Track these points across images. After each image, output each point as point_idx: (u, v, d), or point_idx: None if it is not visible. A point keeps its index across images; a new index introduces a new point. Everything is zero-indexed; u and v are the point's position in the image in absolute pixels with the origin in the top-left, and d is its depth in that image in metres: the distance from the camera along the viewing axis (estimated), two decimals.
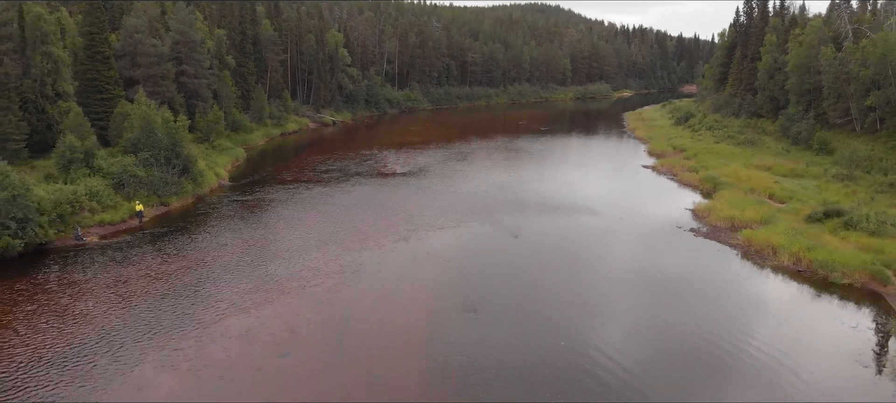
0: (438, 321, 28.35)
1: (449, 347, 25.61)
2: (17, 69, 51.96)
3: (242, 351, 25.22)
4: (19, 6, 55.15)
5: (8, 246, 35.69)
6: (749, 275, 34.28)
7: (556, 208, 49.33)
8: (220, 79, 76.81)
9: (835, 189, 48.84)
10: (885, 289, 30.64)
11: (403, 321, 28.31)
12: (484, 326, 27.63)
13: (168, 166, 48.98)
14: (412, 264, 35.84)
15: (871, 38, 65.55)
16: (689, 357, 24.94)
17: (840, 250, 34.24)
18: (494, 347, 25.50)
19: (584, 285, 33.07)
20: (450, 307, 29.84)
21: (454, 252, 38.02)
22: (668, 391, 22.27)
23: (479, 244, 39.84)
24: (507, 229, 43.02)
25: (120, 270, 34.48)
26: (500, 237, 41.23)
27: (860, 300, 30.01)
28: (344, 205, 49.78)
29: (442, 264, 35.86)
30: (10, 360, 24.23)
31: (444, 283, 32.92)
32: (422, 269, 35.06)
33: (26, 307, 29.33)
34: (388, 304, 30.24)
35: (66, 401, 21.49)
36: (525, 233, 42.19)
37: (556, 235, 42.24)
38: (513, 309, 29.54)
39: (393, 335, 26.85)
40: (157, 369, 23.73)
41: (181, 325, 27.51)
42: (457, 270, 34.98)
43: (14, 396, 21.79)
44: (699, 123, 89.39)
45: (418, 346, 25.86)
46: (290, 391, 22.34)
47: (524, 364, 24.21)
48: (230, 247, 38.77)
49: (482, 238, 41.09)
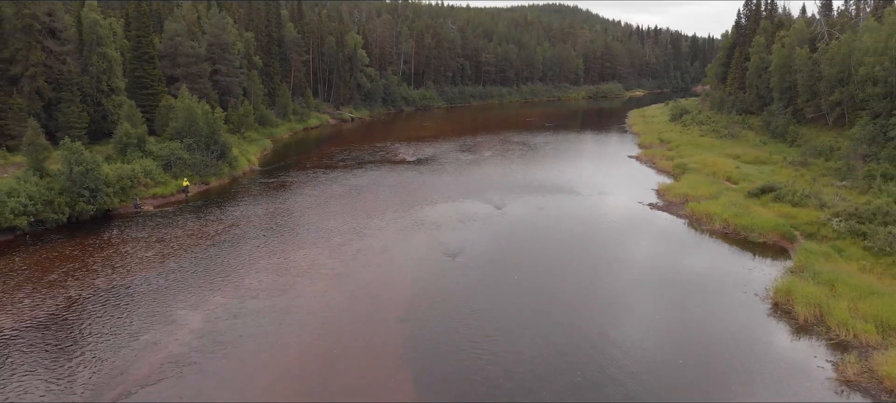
0: (425, 263, 36.32)
1: (430, 275, 33.57)
2: (77, 68, 61.10)
3: (271, 280, 33.42)
4: (78, 13, 64.34)
5: (82, 210, 44.45)
6: (686, 235, 41.77)
7: (541, 188, 57.02)
8: (249, 77, 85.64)
9: (786, 173, 55.86)
10: (791, 245, 37.92)
11: (398, 262, 36.35)
12: (461, 266, 35.52)
13: (208, 151, 57.65)
14: (411, 227, 43.84)
15: (839, 40, 72.23)
16: (630, 276, 32.59)
17: (763, 216, 41.57)
18: (469, 280, 33.39)
19: (550, 239, 40.80)
20: (435, 255, 37.78)
21: (445, 219, 45.91)
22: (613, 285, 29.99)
23: (466, 214, 47.63)
24: (494, 203, 50.84)
25: (171, 230, 42.98)
26: (486, 210, 49.05)
27: (766, 253, 37.39)
28: (356, 186, 57.99)
29: (433, 228, 43.80)
30: (93, 288, 32.64)
31: (432, 241, 40.84)
32: (416, 232, 43.04)
33: (99, 255, 37.86)
34: (387, 252, 38.26)
35: (135, 311, 29.82)
36: (509, 206, 49.97)
37: (535, 207, 49.95)
38: (485, 257, 37.35)
39: (387, 269, 34.89)
40: (207, 292, 31.99)
41: (223, 266, 35.81)
42: (445, 233, 42.86)
43: (104, 308, 30.17)
44: (691, 120, 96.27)
45: (408, 272, 33.88)
46: (308, 301, 30.45)
47: (488, 285, 32.10)
48: (260, 215, 47.13)
49: (470, 209, 48.91)
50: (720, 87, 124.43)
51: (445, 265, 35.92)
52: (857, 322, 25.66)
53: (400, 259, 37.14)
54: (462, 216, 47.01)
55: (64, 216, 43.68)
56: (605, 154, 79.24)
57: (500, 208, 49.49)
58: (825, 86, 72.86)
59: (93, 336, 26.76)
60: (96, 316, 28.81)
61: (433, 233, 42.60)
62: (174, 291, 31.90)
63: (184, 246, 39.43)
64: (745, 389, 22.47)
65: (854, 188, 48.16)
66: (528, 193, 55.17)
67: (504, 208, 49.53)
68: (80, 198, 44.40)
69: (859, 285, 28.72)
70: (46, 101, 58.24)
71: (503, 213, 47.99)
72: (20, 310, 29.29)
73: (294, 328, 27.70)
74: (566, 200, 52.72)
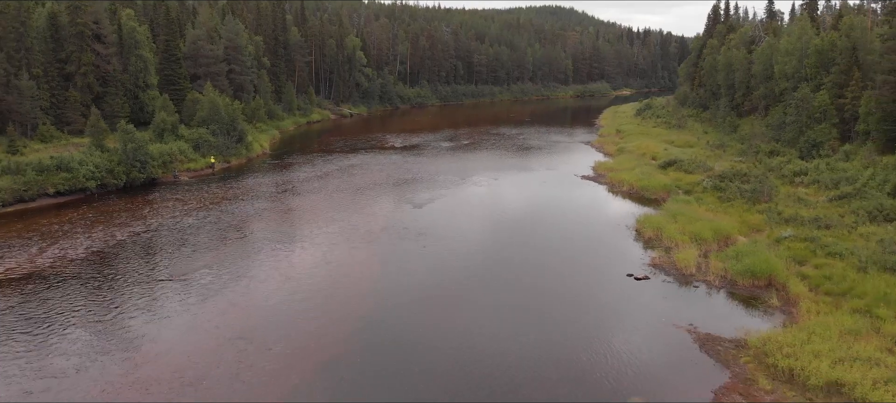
0: (394, 211, 49.71)
1: (394, 223, 46.95)
2: (119, 67, 74.67)
3: (276, 224, 46.80)
4: (118, 20, 77.89)
5: (135, 178, 57.95)
6: (600, 195, 55.05)
7: (501, 166, 70.32)
8: (258, 76, 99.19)
9: (704, 154, 69.00)
10: (668, 196, 51.10)
11: (371, 209, 49.75)
12: (424, 212, 48.84)
13: (228, 136, 71.15)
14: (388, 187, 57.22)
15: (766, 42, 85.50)
16: (551, 216, 45.87)
17: (659, 180, 54.87)
18: (425, 224, 46.74)
19: (494, 195, 54.06)
20: (402, 206, 51.13)
21: (416, 184, 59.22)
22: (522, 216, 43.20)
23: (434, 181, 60.86)
24: (459, 174, 64.16)
25: (202, 194, 56.42)
26: (452, 178, 62.30)
27: (650, 203, 50.62)
28: (349, 165, 71.36)
29: (400, 190, 57.13)
30: (147, 226, 46.10)
31: (401, 196, 54.14)
32: (386, 192, 56.43)
33: (150, 207, 51.38)
34: (360, 203, 51.61)
35: (178, 239, 43.23)
36: (471, 177, 63.26)
37: (491, 178, 63.21)
38: (442, 205, 50.64)
39: (365, 213, 48.32)
40: (231, 229, 45.39)
41: (240, 215, 49.25)
42: (408, 193, 56.14)
43: (157, 238, 43.58)
44: (651, 114, 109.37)
45: (382, 221, 47.29)
46: (306, 231, 43.81)
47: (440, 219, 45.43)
48: (271, 185, 60.58)
49: (438, 178, 62.16)
50: (689, 85, 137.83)
51: (410, 210, 49.30)
52: (677, 236, 38.84)
53: (372, 207, 50.54)
54: (430, 182, 60.32)
55: (121, 182, 57.22)
56: (566, 142, 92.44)
57: (463, 179, 62.86)
58: (755, 82, 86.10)
59: (150, 251, 40.20)
60: (151, 242, 42.27)
61: (398, 194, 55.99)
62: (203, 230, 45.31)
63: (210, 203, 52.84)
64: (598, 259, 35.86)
65: (746, 162, 61.36)
66: (488, 169, 68.47)
67: (466, 178, 62.88)
68: (133, 168, 57.92)
69: (692, 216, 41.96)
70: (95, 94, 71.78)
71: (464, 181, 61.35)
72: (100, 238, 42.76)
73: (294, 248, 41.10)
74: (519, 174, 66.06)
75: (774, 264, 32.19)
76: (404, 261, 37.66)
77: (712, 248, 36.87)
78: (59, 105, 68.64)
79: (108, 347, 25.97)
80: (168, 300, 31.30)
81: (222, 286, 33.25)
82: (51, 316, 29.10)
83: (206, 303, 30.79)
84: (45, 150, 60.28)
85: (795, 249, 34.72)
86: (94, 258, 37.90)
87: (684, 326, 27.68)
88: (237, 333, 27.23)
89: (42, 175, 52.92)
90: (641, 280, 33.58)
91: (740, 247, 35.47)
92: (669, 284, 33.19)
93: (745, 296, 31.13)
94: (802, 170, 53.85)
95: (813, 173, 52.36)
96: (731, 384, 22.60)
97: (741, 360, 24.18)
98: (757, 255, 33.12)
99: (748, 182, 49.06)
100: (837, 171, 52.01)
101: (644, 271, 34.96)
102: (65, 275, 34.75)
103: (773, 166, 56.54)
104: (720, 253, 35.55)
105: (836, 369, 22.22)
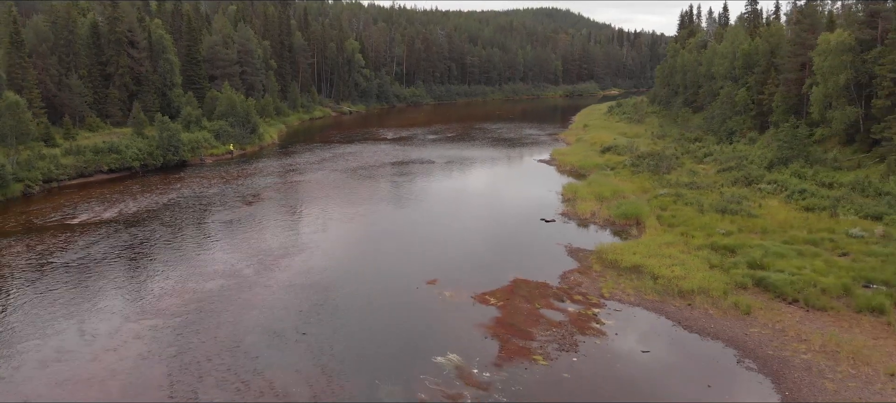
0: (374, 177, 63.59)
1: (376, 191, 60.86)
2: (150, 69, 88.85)
3: (282, 192, 60.78)
4: (148, 28, 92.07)
5: (169, 160, 72.02)
6: (547, 172, 68.82)
7: (473, 152, 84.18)
8: (267, 77, 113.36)
9: (645, 142, 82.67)
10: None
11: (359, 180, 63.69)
12: (403, 179, 62.73)
13: (244, 128, 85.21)
14: (375, 166, 71.19)
15: (710, 47, 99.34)
16: (502, 185, 59.64)
17: (595, 161, 68.66)
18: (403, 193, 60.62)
19: (458, 174, 67.84)
20: (382, 175, 65.05)
21: (398, 161, 73.08)
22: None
23: (414, 160, 74.66)
24: (436, 157, 78.03)
25: (224, 172, 70.43)
26: (429, 156, 76.13)
27: (581, 177, 64.29)
28: (345, 152, 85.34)
29: (385, 165, 71.03)
30: (182, 194, 60.16)
31: (382, 176, 68.03)
32: (373, 170, 70.38)
33: (182, 182, 65.43)
34: (350, 171, 65.51)
35: (204, 202, 57.26)
36: (446, 160, 77.11)
37: (462, 159, 77.00)
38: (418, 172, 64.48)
39: (365, 177, 62.27)
40: (248, 196, 59.41)
41: (255, 186, 63.27)
42: (391, 171, 69.97)
43: (190, 203, 57.61)
44: (620, 111, 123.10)
45: (366, 189, 61.21)
46: (307, 197, 57.72)
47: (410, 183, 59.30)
48: (278, 165, 74.60)
49: (417, 159, 75.98)
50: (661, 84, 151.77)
51: (392, 182, 63.30)
52: (586, 195, 52.60)
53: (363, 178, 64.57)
54: (412, 164, 74.27)
55: (159, 162, 71.28)
56: (539, 135, 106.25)
57: (439, 161, 76.83)
58: (702, 81, 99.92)
59: (184, 212, 54.24)
60: (184, 204, 56.33)
61: (384, 169, 69.95)
62: (227, 196, 59.32)
63: (231, 179, 66.85)
64: (527, 211, 49.71)
65: (671, 146, 75.09)
66: (463, 153, 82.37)
67: (442, 161, 76.86)
68: (168, 152, 71.98)
69: (603, 183, 55.77)
70: (130, 92, 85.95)
71: (440, 163, 75.32)
72: (140, 205, 56.82)
73: (296, 207, 55.07)
74: (488, 158, 79.99)
75: (642, 209, 46.05)
76: (379, 213, 51.69)
77: (608, 202, 50.68)
78: (101, 101, 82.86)
79: (185, 259, 39.98)
80: (214, 236, 45.36)
81: (244, 226, 47.25)
82: (125, 246, 43.16)
83: (235, 234, 44.79)
84: (93, 137, 74.34)
85: (663, 201, 48.52)
86: (146, 214, 51.96)
87: (564, 244, 41.50)
88: (254, 252, 41.16)
89: (98, 156, 67.10)
90: (549, 222, 47.40)
91: (625, 201, 49.33)
92: (568, 224, 47.04)
93: (616, 229, 44.98)
94: (710, 152, 67.65)
95: (716, 154, 66.14)
96: (576, 268, 36.48)
97: (589, 259, 38.02)
98: (632, 204, 47.04)
99: (655, 160, 62.91)
100: (738, 152, 65.80)
101: (554, 217, 48.78)
102: (132, 222, 48.84)
103: (690, 150, 70.34)
104: (610, 205, 49.39)
105: (639, 259, 36.06)
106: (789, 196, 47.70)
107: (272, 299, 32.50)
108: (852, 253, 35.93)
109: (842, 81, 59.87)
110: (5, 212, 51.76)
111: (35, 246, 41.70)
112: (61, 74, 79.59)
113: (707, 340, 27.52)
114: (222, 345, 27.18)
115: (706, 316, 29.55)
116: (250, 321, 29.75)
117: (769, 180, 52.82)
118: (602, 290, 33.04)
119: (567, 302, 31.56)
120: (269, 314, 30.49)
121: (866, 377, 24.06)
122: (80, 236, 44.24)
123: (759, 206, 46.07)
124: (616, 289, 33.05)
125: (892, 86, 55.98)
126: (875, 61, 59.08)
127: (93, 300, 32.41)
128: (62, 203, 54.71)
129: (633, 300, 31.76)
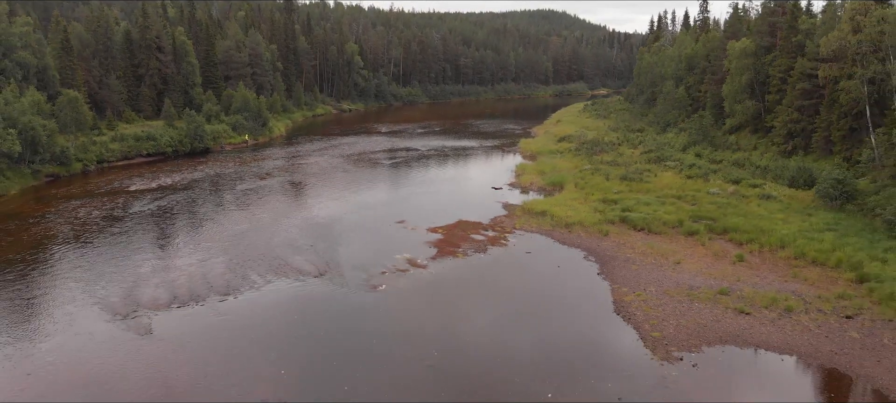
0: (367, 161, 79.30)
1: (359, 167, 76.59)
2: (174, 70, 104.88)
3: (289, 174, 76.59)
4: (172, 35, 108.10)
5: (195, 147, 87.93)
6: (509, 157, 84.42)
7: (451, 142, 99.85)
8: (274, 77, 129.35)
9: (598, 133, 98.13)
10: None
11: (354, 164, 79.43)
12: (390, 162, 78.39)
13: (256, 122, 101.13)
14: (366, 151, 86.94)
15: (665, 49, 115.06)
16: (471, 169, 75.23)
17: (550, 147, 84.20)
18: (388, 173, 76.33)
19: (431, 157, 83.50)
20: (374, 159, 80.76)
21: (388, 149, 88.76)
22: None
23: (400, 147, 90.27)
24: (417, 146, 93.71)
25: (241, 157, 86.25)
26: (411, 144, 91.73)
27: (535, 160, 79.81)
28: (342, 142, 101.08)
29: (377, 152, 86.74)
30: (205, 173, 76.02)
31: (377, 157, 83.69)
32: (369, 154, 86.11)
33: (206, 165, 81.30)
34: (347, 156, 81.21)
35: (225, 179, 73.09)
36: (425, 148, 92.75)
37: (437, 148, 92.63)
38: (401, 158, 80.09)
39: (359, 160, 78.02)
40: (262, 170, 75.20)
41: (267, 167, 79.09)
42: (381, 155, 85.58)
43: (212, 180, 73.48)
44: (593, 108, 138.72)
45: (357, 163, 76.96)
46: (310, 176, 73.46)
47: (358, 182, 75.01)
48: (287, 152, 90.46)
49: (403, 147, 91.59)
50: None
51: (380, 164, 79.09)
52: (532, 171, 68.16)
53: (357, 162, 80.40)
54: (399, 151, 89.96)
55: (187, 149, 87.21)
56: (515, 128, 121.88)
57: (423, 148, 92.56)
58: (657, 80, 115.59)
59: (213, 184, 70.06)
60: (212, 179, 72.15)
61: (376, 157, 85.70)
62: (245, 173, 75.13)
63: (247, 161, 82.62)
64: (482, 182, 65.36)
65: (614, 134, 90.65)
66: (446, 143, 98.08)
67: (424, 148, 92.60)
68: (194, 140, 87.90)
69: (548, 163, 71.41)
70: (158, 90, 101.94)
71: (422, 150, 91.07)
72: (179, 179, 72.65)
73: (301, 181, 70.81)
74: (465, 147, 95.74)
75: (565, 177, 61.82)
76: (368, 183, 67.47)
77: (545, 175, 66.30)
78: (135, 98, 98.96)
79: (221, 211, 55.76)
80: (238, 199, 61.16)
81: (260, 193, 63.07)
82: (176, 204, 58.98)
83: (254, 198, 60.58)
84: (130, 128, 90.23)
85: (585, 174, 64.15)
86: (184, 185, 67.75)
87: (503, 202, 57.18)
88: (270, 208, 56.86)
89: (138, 143, 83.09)
90: (497, 190, 63.05)
91: (557, 174, 65.01)
92: (513, 191, 62.72)
93: (545, 193, 60.64)
94: (643, 140, 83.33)
95: (647, 142, 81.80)
96: (504, 215, 52.15)
97: (515, 210, 53.68)
98: (560, 175, 62.73)
99: (593, 145, 78.66)
100: (665, 139, 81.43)
101: (502, 186, 64.46)
102: (176, 189, 64.68)
103: (629, 138, 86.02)
104: (546, 177, 65.07)
105: (547, 207, 51.73)
106: (681, 169, 63.34)
107: (288, 231, 48.28)
108: (699, 203, 51.55)
109: (744, 81, 75.55)
110: (70, 184, 67.66)
111: (108, 203, 57.64)
112: (102, 75, 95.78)
113: (571, 248, 43.23)
114: (258, 252, 42.91)
115: (577, 237, 45.25)
116: (276, 240, 45.55)
117: (675, 159, 68.47)
118: (515, 225, 48.78)
119: (489, 231, 47.34)
120: (287, 237, 46.33)
121: (660, 264, 39.65)
122: (138, 198, 60.15)
123: (655, 176, 61.72)
124: (525, 224, 48.78)
125: (780, 84, 71.79)
126: (770, 64, 74.86)
127: (166, 236, 48.27)
128: (114, 178, 70.59)
129: (534, 230, 47.48)
